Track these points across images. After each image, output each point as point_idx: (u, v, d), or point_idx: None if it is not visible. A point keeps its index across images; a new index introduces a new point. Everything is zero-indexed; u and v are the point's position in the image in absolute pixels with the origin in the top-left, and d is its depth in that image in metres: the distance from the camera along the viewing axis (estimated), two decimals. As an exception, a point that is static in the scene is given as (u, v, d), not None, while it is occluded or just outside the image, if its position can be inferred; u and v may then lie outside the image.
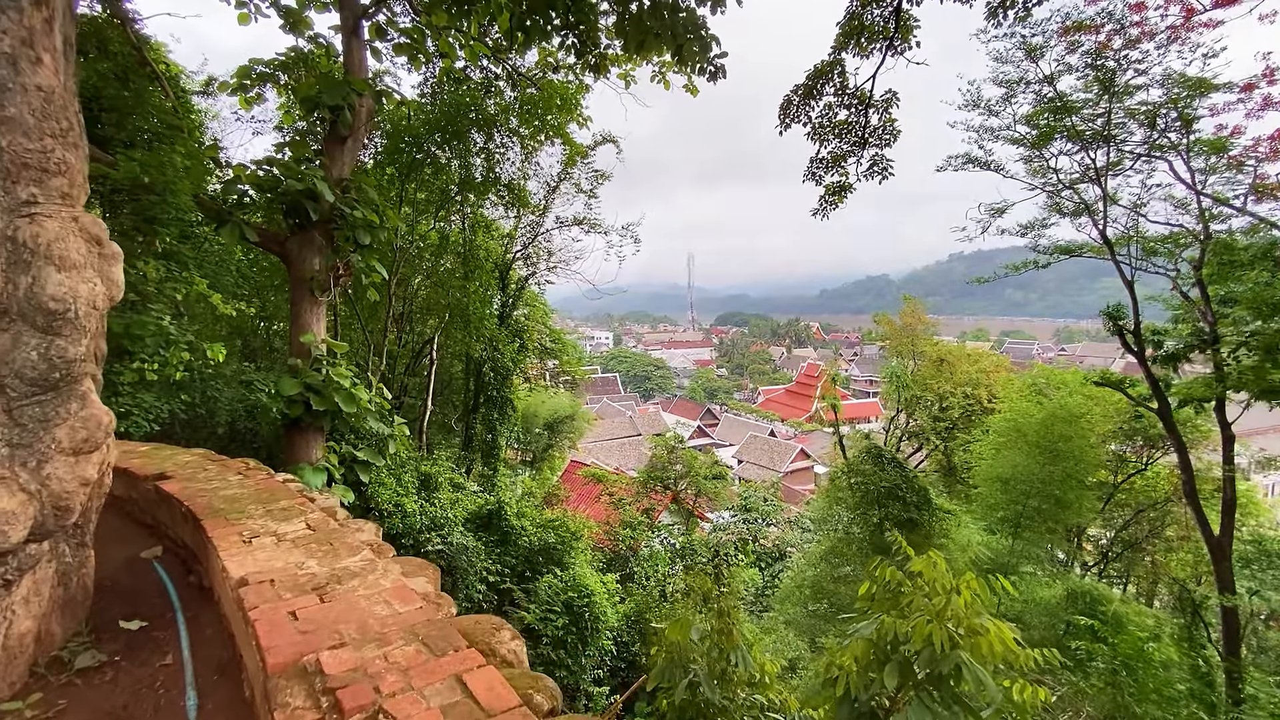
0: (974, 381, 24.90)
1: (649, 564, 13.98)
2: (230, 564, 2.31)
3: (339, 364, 8.42)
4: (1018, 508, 7.07)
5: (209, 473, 3.78)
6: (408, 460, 10.72)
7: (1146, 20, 11.40)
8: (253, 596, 2.02)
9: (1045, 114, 11.82)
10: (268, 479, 3.61)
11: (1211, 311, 11.26)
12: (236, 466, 3.93)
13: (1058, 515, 7.30)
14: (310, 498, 3.34)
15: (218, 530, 2.70)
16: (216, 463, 4.04)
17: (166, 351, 5.34)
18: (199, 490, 3.35)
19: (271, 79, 10.36)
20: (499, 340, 13.40)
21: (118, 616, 2.70)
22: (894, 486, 7.56)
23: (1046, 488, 7.00)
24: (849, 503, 8.01)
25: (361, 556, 2.40)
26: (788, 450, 60.21)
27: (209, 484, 3.51)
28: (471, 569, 8.83)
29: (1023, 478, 6.96)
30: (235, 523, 2.80)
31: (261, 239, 8.18)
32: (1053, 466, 7.13)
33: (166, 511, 3.42)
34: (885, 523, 8.00)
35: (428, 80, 13.59)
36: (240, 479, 3.61)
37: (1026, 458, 7.36)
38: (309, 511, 2.97)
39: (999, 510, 7.27)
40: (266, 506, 3.07)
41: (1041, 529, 7.39)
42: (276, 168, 8.21)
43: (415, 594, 2.07)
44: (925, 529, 7.95)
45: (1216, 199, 11.60)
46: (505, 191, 11.96)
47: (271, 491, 3.34)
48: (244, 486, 3.46)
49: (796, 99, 10.99)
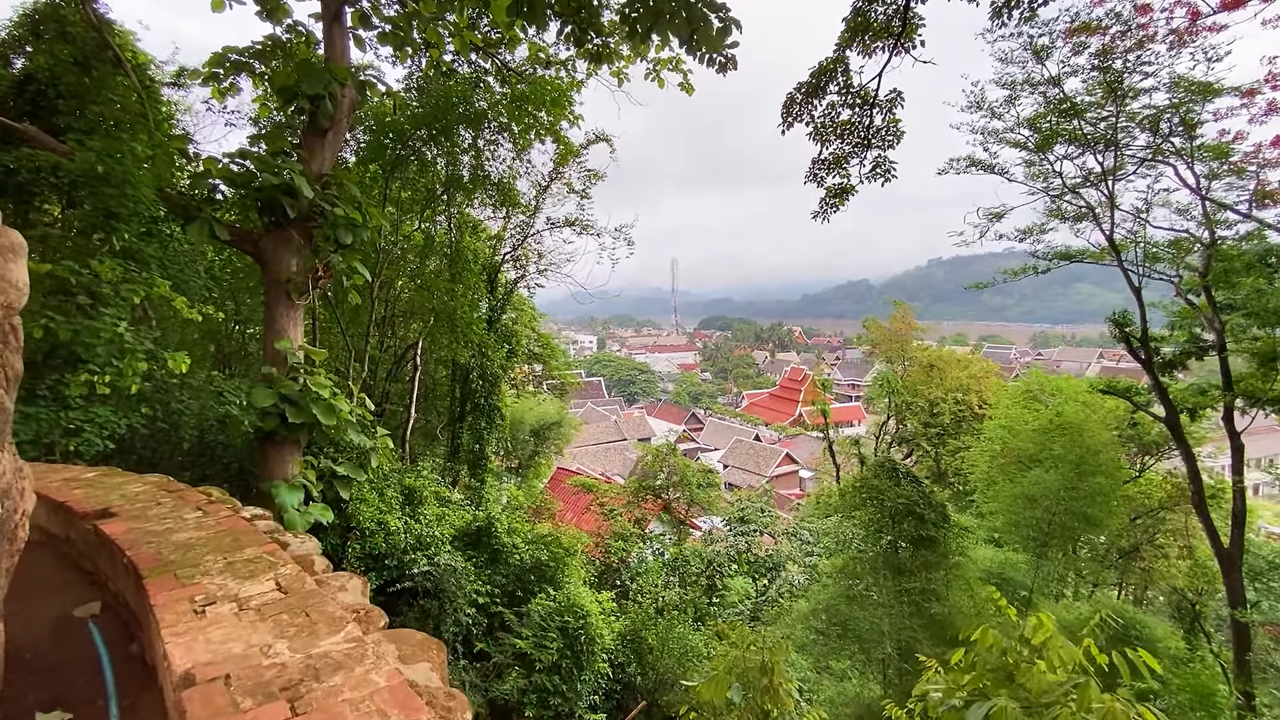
0: (964, 387, 24.82)
1: (643, 578, 13.48)
2: (175, 649, 1.79)
3: (317, 372, 7.81)
4: (1043, 526, 6.73)
5: (162, 508, 3.22)
6: (391, 473, 10.12)
7: (1152, 22, 11.23)
8: (199, 708, 1.51)
9: (1050, 116, 11.60)
10: (232, 516, 3.06)
11: (1219, 319, 11.08)
12: (196, 499, 3.36)
13: (1086, 533, 6.97)
14: (282, 541, 2.80)
15: (163, 595, 2.16)
16: (173, 494, 3.48)
17: (121, 361, 4.75)
18: (147, 534, 2.80)
19: (247, 68, 9.73)
20: (488, 346, 12.83)
21: (34, 704, 2.15)
22: (911, 503, 7.17)
23: (1074, 504, 6.65)
24: (863, 519, 7.60)
25: (345, 634, 1.89)
26: (773, 455, 60.14)
27: (160, 524, 2.95)
28: (460, 591, 8.27)
29: (1049, 494, 6.60)
30: (187, 583, 2.27)
31: (234, 237, 7.57)
32: (1081, 483, 6.79)
33: (108, 559, 2.86)
34: (899, 540, 7.60)
35: (413, 75, 13.02)
36: (199, 517, 3.06)
37: (1053, 473, 7.01)
38: (280, 565, 2.44)
39: (1023, 529, 6.91)
40: (228, 557, 2.53)
41: (1067, 548, 7.05)
42: (251, 161, 7.60)
43: (418, 699, 1.56)
44: (942, 547, 7.56)
45: (1220, 204, 11.45)
46: (495, 190, 11.41)
47: (236, 535, 2.79)
48: (202, 527, 2.91)
49: (800, 97, 10.60)
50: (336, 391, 7.76)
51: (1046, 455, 9.34)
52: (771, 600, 12.94)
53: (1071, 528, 6.71)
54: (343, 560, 8.20)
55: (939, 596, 6.93)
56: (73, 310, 5.37)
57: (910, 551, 7.39)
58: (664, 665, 11.03)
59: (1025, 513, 6.72)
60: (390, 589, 8.23)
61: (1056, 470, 7.21)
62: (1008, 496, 7.27)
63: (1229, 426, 11.07)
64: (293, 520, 7.05)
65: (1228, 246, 11.66)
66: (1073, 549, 6.76)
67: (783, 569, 16.29)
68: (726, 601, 15.70)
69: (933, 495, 7.45)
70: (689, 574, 15.56)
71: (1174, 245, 12.02)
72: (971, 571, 7.71)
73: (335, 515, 8.01)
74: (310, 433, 7.76)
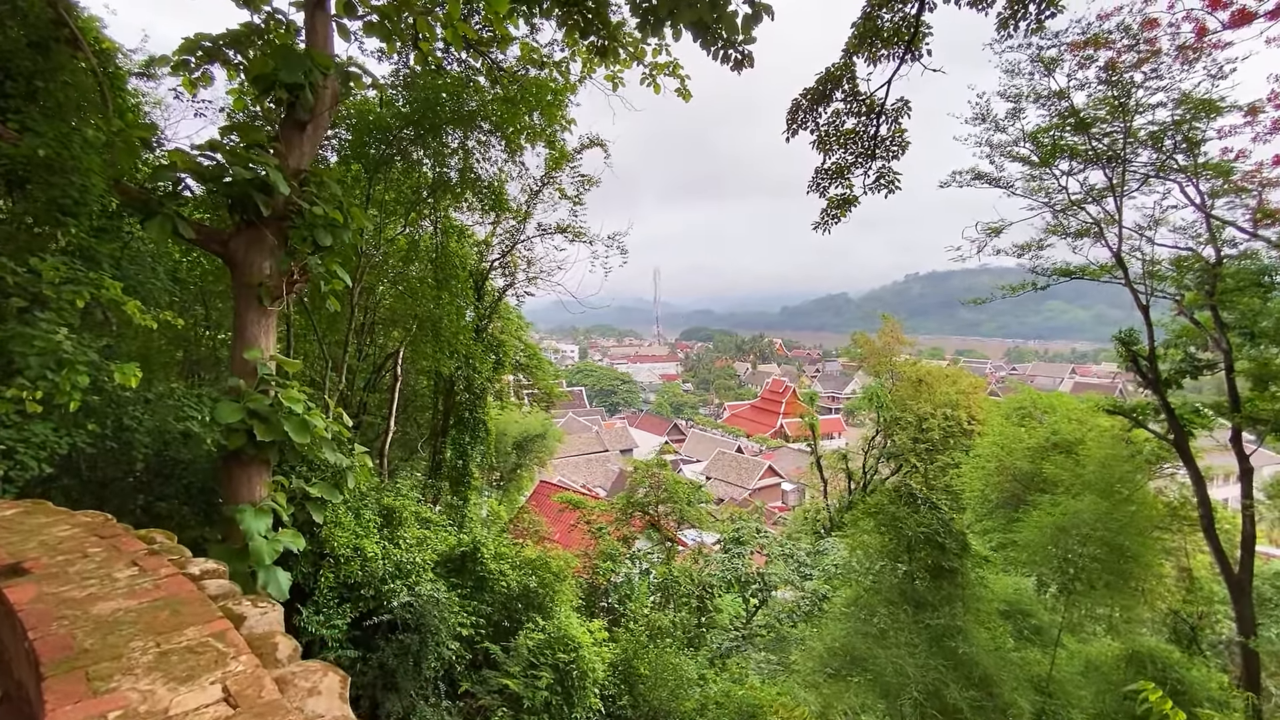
0: (953, 402, 24.69)
1: (635, 601, 12.88)
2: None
3: (291, 385, 7.14)
4: (1072, 558, 6.34)
5: (89, 562, 2.59)
6: (368, 492, 9.42)
7: (1159, 38, 11.10)
8: None
9: (1055, 130, 11.41)
10: (174, 576, 2.45)
11: (1226, 339, 10.91)
12: (132, 550, 2.74)
13: (1121, 568, 6.58)
14: (236, 614, 2.20)
15: (65, 710, 1.57)
16: (106, 541, 2.84)
17: (57, 374, 4.09)
18: (62, 603, 2.19)
19: (220, 56, 9.07)
20: (474, 356, 12.19)
21: None
22: (932, 532, 6.72)
23: (1108, 534, 6.27)
24: (878, 547, 7.13)
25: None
26: (755, 467, 59.97)
27: (83, 588, 2.34)
28: (443, 624, 7.61)
29: (1082, 524, 6.22)
30: (100, 690, 1.67)
31: (200, 236, 6.88)
32: (1115, 511, 6.41)
33: (9, 631, 2.24)
34: (915, 571, 7.14)
35: (399, 73, 12.43)
36: (133, 576, 2.44)
37: (1085, 500, 6.62)
38: (230, 656, 1.85)
39: (1052, 561, 6.52)
40: (162, 643, 1.93)
41: (1100, 584, 6.66)
42: (222, 154, 6.95)
43: None
44: (960, 577, 7.12)
45: (1225, 222, 11.33)
46: (486, 193, 10.85)
47: (176, 606, 2.19)
48: (135, 593, 2.30)
49: (805, 104, 10.28)
50: (311, 406, 7.09)
51: (1074, 481, 9.07)
52: (769, 625, 12.40)
53: (1105, 560, 6.34)
54: (314, 591, 7.50)
55: (963, 633, 6.46)
56: (10, 313, 4.70)
57: (928, 583, 6.93)
58: (657, 697, 10.43)
59: (1054, 545, 6.34)
60: (366, 622, 7.54)
61: (1087, 498, 6.83)
62: (1036, 526, 6.88)
63: (1237, 449, 10.88)
64: (259, 550, 6.36)
65: (1228, 265, 11.54)
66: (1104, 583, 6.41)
67: (774, 589, 15.79)
68: (717, 623, 15.14)
69: (952, 522, 7.01)
70: (679, 595, 14.99)
71: (1176, 263, 11.88)
72: (990, 604, 7.27)
73: (307, 540, 7.33)
74: (281, 451, 7.08)
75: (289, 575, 6.81)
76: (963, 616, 6.53)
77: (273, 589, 6.53)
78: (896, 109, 9.85)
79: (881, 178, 10.07)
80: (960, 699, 5.63)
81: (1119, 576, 6.58)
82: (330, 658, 7.18)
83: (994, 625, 7.21)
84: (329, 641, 7.18)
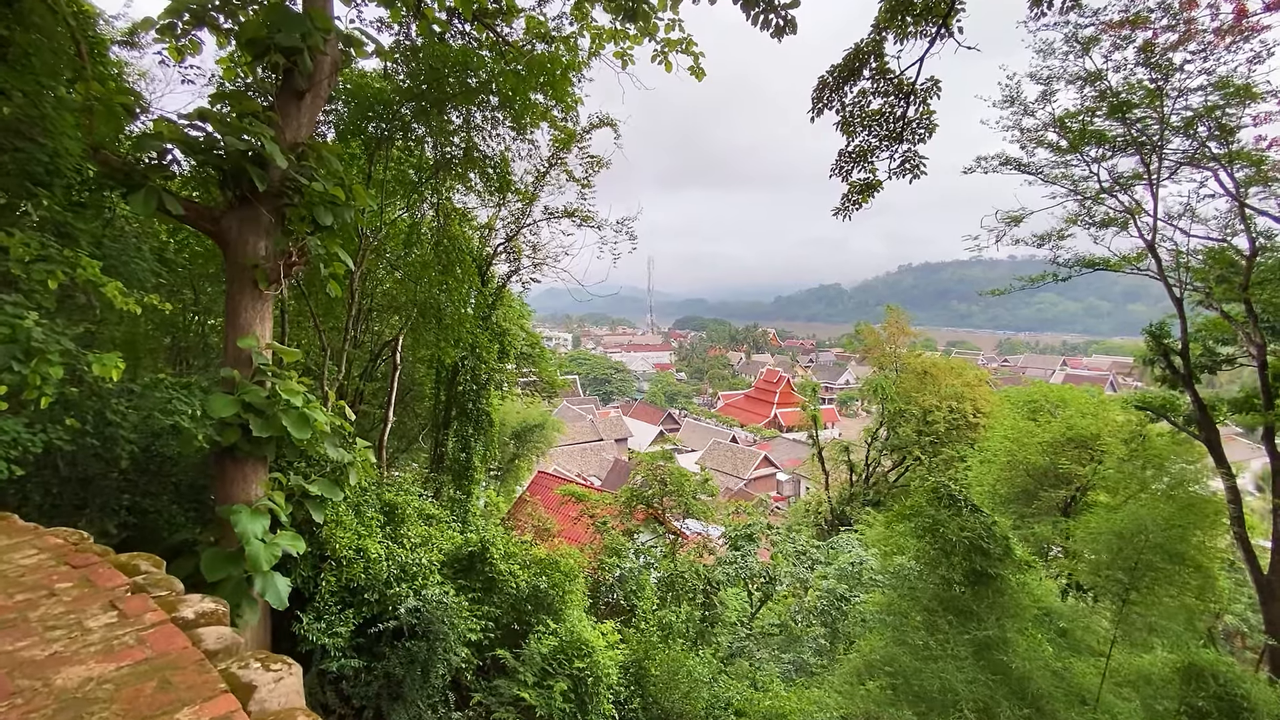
0: (958, 395, 24.38)
1: (642, 601, 12.48)
2: None
3: (289, 376, 6.62)
4: (1129, 567, 5.96)
5: (57, 603, 2.09)
6: (369, 487, 8.93)
7: (1197, 20, 10.63)
8: None
9: (1086, 114, 10.94)
10: (162, 627, 1.95)
11: (1260, 333, 10.55)
12: (111, 584, 2.23)
13: (1180, 578, 6.21)
14: (244, 683, 1.72)
15: None
16: (79, 573, 2.33)
17: (25, 366, 3.56)
18: (19, 666, 1.70)
19: (210, 20, 8.43)
20: (481, 345, 11.64)
21: None
22: (976, 537, 6.32)
23: (1167, 541, 5.89)
24: (919, 553, 6.72)
25: None
26: (750, 457, 59.88)
27: (44, 644, 1.84)
28: (452, 630, 7.15)
29: (1143, 530, 5.82)
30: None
31: (189, 213, 6.32)
32: (1178, 518, 6.02)
33: (-48, 703, 1.74)
34: (954, 577, 6.74)
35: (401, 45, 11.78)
36: (110, 626, 1.95)
37: (1146, 506, 6.24)
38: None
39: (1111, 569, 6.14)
40: (148, 736, 1.44)
41: (1163, 595, 6.29)
42: (213, 124, 6.38)
43: None
44: (999, 584, 6.73)
45: (1259, 212, 10.94)
46: (493, 171, 10.26)
47: (167, 672, 1.70)
48: (113, 653, 1.80)
49: (832, 81, 9.76)
50: (310, 398, 6.57)
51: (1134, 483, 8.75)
52: (783, 624, 12.04)
53: (1163, 569, 5.98)
54: (314, 596, 7.01)
55: (1009, 644, 6.08)
56: (-25, 296, 4.15)
57: (970, 591, 6.53)
58: (669, 700, 10.06)
59: (1115, 553, 5.97)
60: (370, 628, 7.08)
61: (1149, 503, 6.45)
62: (1091, 533, 6.50)
63: (1269, 446, 10.56)
64: (256, 554, 5.86)
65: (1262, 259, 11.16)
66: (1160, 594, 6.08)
67: (780, 584, 15.46)
68: (724, 620, 14.80)
69: (995, 526, 6.60)
70: (685, 590, 14.64)
71: (1208, 254, 11.49)
72: (1030, 612, 6.90)
73: (306, 542, 6.84)
74: (278, 446, 6.57)
75: (288, 581, 6.33)
76: (1010, 627, 6.14)
77: (271, 597, 6.04)
78: (926, 89, 9.35)
79: (906, 162, 9.61)
80: (1015, 718, 5.26)
81: (1177, 586, 6.21)
82: (333, 668, 6.71)
83: (1033, 634, 6.84)
84: (331, 650, 6.71)
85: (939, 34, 8.64)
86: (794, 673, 10.98)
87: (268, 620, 6.79)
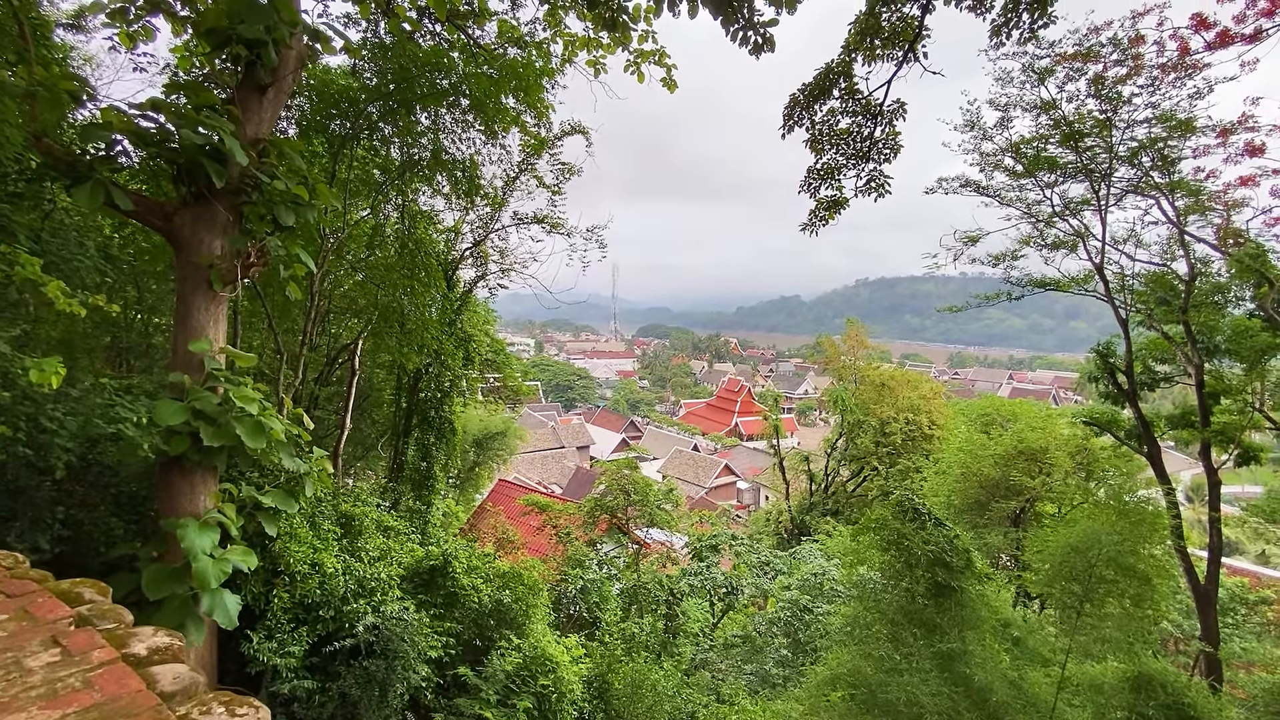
0: (915, 407, 25.04)
1: (607, 612, 12.35)
2: None
3: (244, 382, 6.31)
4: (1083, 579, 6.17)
5: (-11, 640, 1.89)
6: (325, 498, 8.58)
7: (1144, 55, 11.22)
8: None
9: (1039, 141, 11.44)
10: (114, 666, 1.78)
11: (1198, 354, 11.15)
12: (51, 618, 2.03)
13: (1131, 590, 6.45)
14: (209, 730, 1.57)
15: None
16: (16, 602, 2.12)
17: (-47, 372, 3.27)
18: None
19: (165, 7, 8.03)
20: (445, 351, 11.36)
21: None
22: (940, 551, 6.44)
23: (1119, 555, 6.12)
24: (884, 566, 6.81)
25: None
26: (712, 466, 60.30)
27: (-24, 687, 1.66)
28: (413, 648, 6.90)
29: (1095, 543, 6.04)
30: None
31: (139, 208, 5.96)
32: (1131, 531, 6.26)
33: None
34: (916, 590, 6.86)
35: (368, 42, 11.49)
36: (53, 668, 1.76)
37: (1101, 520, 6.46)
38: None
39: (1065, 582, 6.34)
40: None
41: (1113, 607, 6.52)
42: (166, 115, 6.07)
43: None
44: (960, 595, 6.87)
45: (1196, 239, 11.60)
46: (461, 175, 10.07)
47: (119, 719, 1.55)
48: (57, 698, 1.62)
49: (803, 99, 9.92)
50: (266, 405, 6.27)
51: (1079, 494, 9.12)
52: (747, 636, 12.07)
53: (1114, 581, 6.22)
54: (266, 613, 6.67)
55: (971, 656, 6.20)
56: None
57: (934, 603, 6.65)
58: (632, 713, 9.95)
59: (1070, 565, 6.16)
60: (325, 647, 6.77)
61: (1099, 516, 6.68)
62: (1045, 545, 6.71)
63: (1206, 462, 11.15)
64: (204, 570, 5.53)
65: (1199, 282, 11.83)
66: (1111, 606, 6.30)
67: (742, 594, 15.54)
68: (686, 630, 14.78)
69: (957, 540, 6.75)
70: (648, 600, 14.57)
71: (1150, 278, 12.12)
72: (990, 624, 7.07)
73: (259, 556, 6.50)
74: (230, 456, 6.24)
75: (238, 598, 5.99)
76: (972, 640, 6.27)
77: (219, 616, 5.70)
78: (893, 111, 9.60)
79: (872, 181, 9.82)
80: (978, 730, 5.37)
81: (1130, 597, 6.45)
82: (285, 690, 6.39)
83: (991, 645, 7.00)
84: (283, 671, 6.38)
85: (905, 58, 8.88)
86: (758, 684, 11.01)
87: (214, 640, 6.43)
